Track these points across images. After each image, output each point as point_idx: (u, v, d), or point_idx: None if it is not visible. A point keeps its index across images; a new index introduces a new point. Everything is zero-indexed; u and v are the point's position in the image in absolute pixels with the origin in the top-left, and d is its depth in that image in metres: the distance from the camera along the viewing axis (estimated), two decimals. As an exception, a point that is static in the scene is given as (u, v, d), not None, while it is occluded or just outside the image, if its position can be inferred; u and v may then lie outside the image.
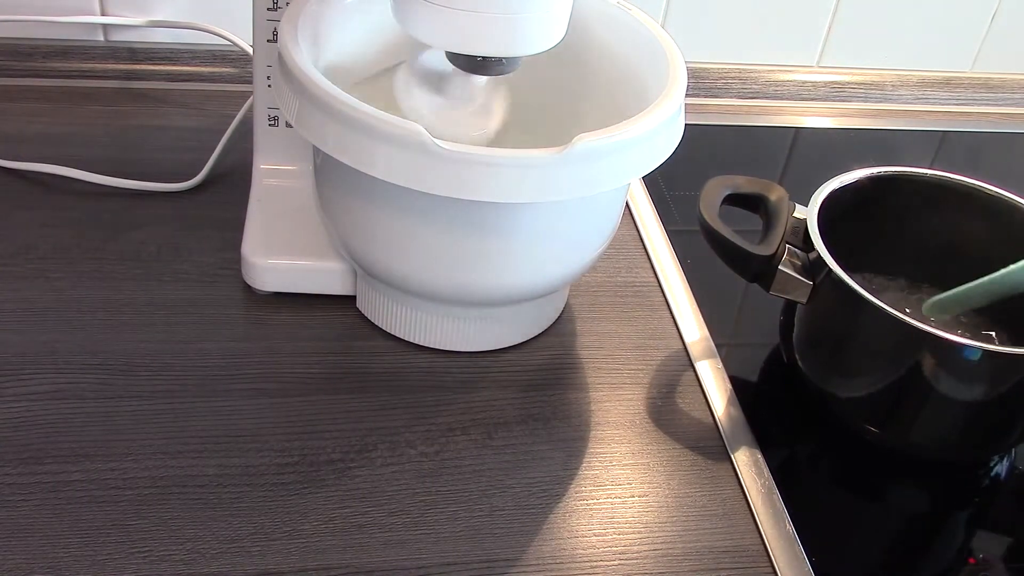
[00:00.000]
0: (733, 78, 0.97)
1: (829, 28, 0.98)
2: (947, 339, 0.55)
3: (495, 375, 0.64)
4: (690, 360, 0.67)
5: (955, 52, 1.02)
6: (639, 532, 0.56)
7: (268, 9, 0.65)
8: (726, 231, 0.61)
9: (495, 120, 0.61)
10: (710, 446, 0.61)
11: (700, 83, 0.96)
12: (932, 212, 0.66)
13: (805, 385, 0.63)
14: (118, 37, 0.87)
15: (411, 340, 0.64)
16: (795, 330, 0.63)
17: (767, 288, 0.61)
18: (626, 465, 0.59)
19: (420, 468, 0.57)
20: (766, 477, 0.59)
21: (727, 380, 0.65)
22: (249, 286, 0.66)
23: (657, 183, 0.82)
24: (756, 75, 0.98)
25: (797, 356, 0.63)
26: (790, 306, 0.64)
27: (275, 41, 0.65)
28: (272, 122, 0.69)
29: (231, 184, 0.75)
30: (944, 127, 1.00)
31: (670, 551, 0.55)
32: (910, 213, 0.67)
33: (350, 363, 0.63)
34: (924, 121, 1.00)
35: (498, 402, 0.62)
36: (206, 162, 0.75)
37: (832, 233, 0.60)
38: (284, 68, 0.55)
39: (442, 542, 0.53)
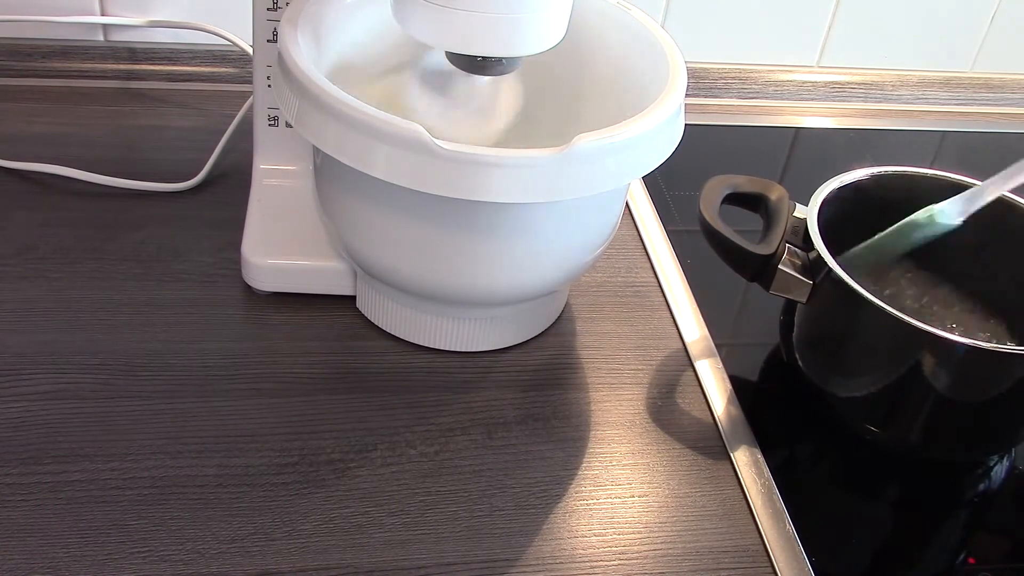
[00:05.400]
0: (733, 78, 0.97)
1: (829, 28, 0.98)
2: (947, 339, 0.55)
3: (495, 375, 0.64)
4: (690, 360, 0.67)
5: (955, 52, 1.02)
6: (639, 532, 0.56)
7: (268, 9, 0.65)
8: (726, 230, 0.61)
9: (500, 120, 0.61)
10: (710, 446, 0.61)
11: (700, 83, 0.96)
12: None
13: (805, 385, 0.63)
14: (118, 37, 0.87)
15: (411, 340, 0.64)
16: (795, 330, 0.63)
17: (767, 287, 0.61)
18: (626, 465, 0.59)
19: (420, 468, 0.57)
20: (766, 477, 0.59)
21: (727, 380, 0.65)
22: (249, 286, 0.66)
23: (657, 183, 0.82)
24: (756, 75, 0.98)
25: (797, 356, 0.63)
26: (790, 306, 0.64)
27: (275, 41, 0.65)
28: (272, 122, 0.69)
29: (231, 184, 0.75)
30: (944, 127, 1.00)
31: (670, 551, 0.55)
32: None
33: (350, 363, 0.63)
34: (924, 121, 1.00)
35: (498, 402, 0.62)
36: (206, 162, 0.75)
37: (832, 233, 0.60)
38: (284, 68, 0.55)
39: (442, 542, 0.53)
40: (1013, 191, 0.65)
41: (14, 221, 0.69)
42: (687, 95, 0.59)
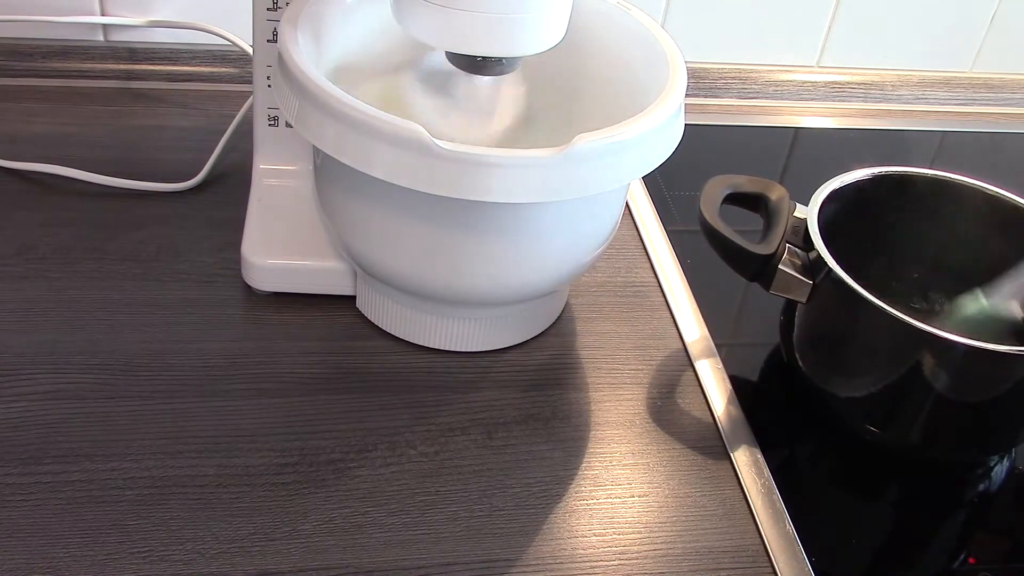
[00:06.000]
0: (733, 78, 0.97)
1: (829, 28, 0.98)
2: (947, 339, 0.55)
3: (495, 375, 0.64)
4: (690, 360, 0.67)
5: (955, 52, 1.02)
6: (639, 532, 0.56)
7: (268, 9, 0.65)
8: (726, 230, 0.61)
9: (500, 121, 0.61)
10: (710, 446, 0.61)
11: (700, 83, 0.96)
12: (932, 212, 0.66)
13: (805, 385, 0.63)
14: (118, 37, 0.87)
15: (411, 340, 0.64)
16: (795, 330, 0.63)
17: (767, 287, 0.61)
18: (626, 465, 0.59)
19: (420, 468, 0.57)
20: (766, 477, 0.59)
21: (727, 380, 0.65)
22: (249, 286, 0.66)
23: (657, 183, 0.82)
24: (756, 75, 0.98)
25: (797, 356, 0.63)
26: (790, 306, 0.64)
27: (275, 41, 0.65)
28: (272, 122, 0.69)
29: (231, 184, 0.75)
30: (944, 127, 1.00)
31: (670, 551, 0.55)
32: (910, 213, 0.67)
33: (350, 363, 0.63)
34: (924, 121, 1.00)
35: (498, 402, 0.62)
36: (206, 162, 0.75)
37: (832, 233, 0.60)
38: (284, 68, 0.55)
39: (442, 542, 0.53)
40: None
41: (14, 221, 0.69)
42: (687, 95, 0.58)
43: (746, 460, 0.60)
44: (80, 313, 0.63)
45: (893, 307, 0.56)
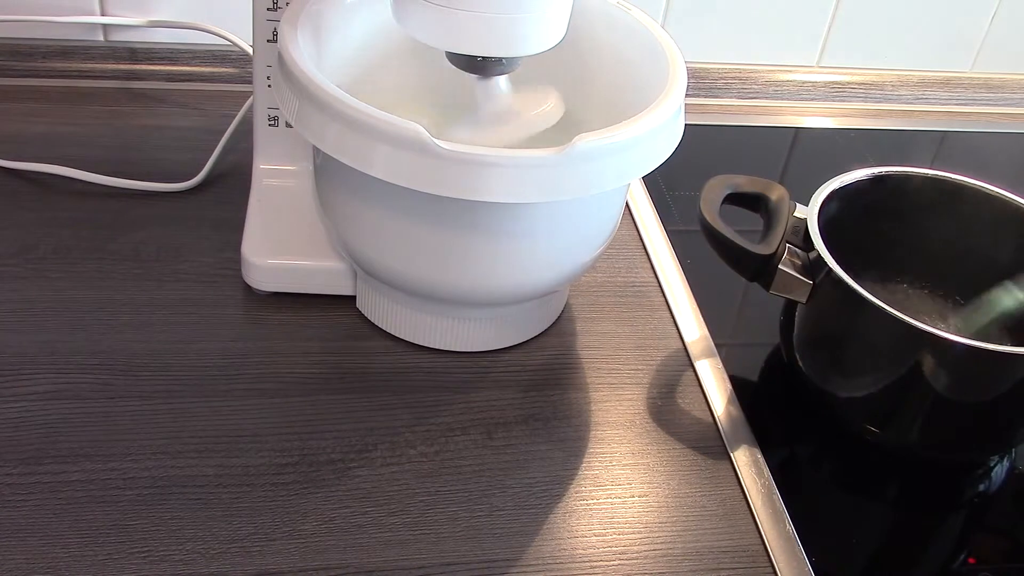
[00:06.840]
0: (733, 78, 0.97)
1: (829, 28, 0.98)
2: (947, 339, 0.55)
3: (495, 375, 0.64)
4: (690, 360, 0.67)
5: (955, 52, 1.02)
6: (639, 532, 0.56)
7: (268, 9, 0.65)
8: (726, 230, 0.61)
9: (520, 123, 0.61)
10: (710, 446, 0.61)
11: (700, 83, 0.96)
12: (932, 212, 0.66)
13: (805, 385, 0.63)
14: (118, 37, 0.87)
15: (411, 340, 0.64)
16: (795, 330, 0.63)
17: (767, 287, 0.61)
18: (626, 465, 0.59)
19: (420, 468, 0.57)
20: (766, 477, 0.59)
21: (727, 380, 0.65)
22: (249, 286, 0.66)
23: (657, 183, 0.82)
24: (756, 75, 0.98)
25: (797, 356, 0.63)
26: (790, 306, 0.64)
27: (275, 41, 0.65)
28: (272, 122, 0.69)
29: (231, 184, 0.75)
30: (944, 127, 1.00)
31: (670, 551, 0.55)
32: (910, 213, 0.67)
33: (350, 363, 0.63)
34: (924, 121, 1.00)
35: (498, 402, 0.62)
36: (206, 162, 0.75)
37: (832, 233, 0.60)
38: (284, 68, 0.55)
39: (442, 542, 0.53)
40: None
41: (14, 221, 0.69)
42: (687, 95, 0.59)
43: (746, 460, 0.60)
44: (80, 313, 0.63)
45: (893, 307, 0.56)
